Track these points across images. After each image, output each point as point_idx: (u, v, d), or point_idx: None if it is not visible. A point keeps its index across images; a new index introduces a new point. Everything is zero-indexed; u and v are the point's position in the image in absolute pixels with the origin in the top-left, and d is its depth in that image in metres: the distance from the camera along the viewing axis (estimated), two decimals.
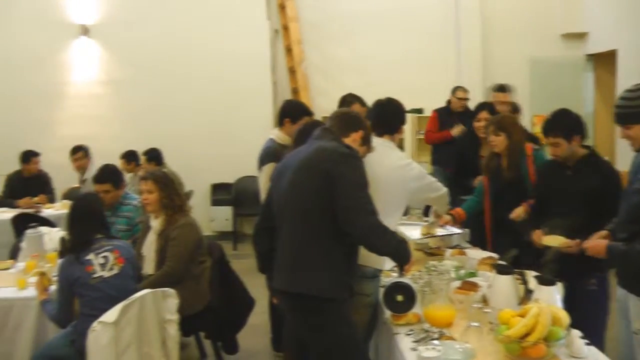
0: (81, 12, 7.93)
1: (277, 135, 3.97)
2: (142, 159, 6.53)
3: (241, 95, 7.85)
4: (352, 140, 2.74)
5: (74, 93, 8.04)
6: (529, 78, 8.51)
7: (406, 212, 4.18)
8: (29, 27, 7.78)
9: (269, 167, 3.66)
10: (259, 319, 4.36)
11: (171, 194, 3.74)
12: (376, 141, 2.97)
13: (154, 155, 6.44)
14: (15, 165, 6.62)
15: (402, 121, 3.26)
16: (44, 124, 7.96)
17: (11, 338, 3.35)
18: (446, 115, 6.63)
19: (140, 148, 6.67)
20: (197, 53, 7.86)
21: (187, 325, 3.51)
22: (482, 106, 4.70)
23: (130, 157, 6.55)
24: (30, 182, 6.56)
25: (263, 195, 3.63)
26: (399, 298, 2.69)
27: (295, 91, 8.15)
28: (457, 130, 6.20)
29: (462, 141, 5.26)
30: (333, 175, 2.52)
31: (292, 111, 3.97)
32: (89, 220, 3.23)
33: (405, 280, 2.77)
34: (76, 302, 3.16)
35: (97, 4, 7.94)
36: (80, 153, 6.58)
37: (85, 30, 7.92)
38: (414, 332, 2.60)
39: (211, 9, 7.85)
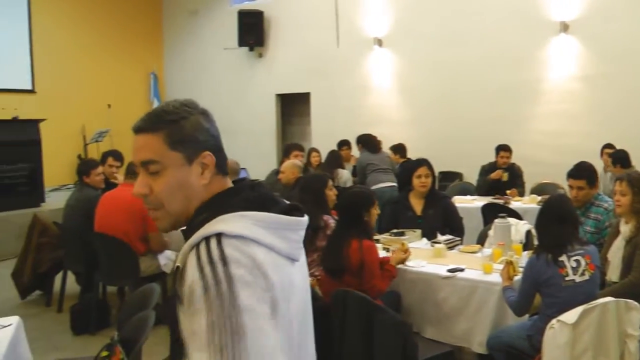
0: (562, 9, 7.93)
1: None
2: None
3: None
4: None
5: (548, 89, 8.16)
6: None
7: None
8: (512, 26, 8.23)
9: None
10: None
11: None
12: None
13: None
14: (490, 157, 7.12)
15: None
16: (519, 119, 8.32)
17: (473, 316, 3.61)
18: None
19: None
20: None
21: None
22: None
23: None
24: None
25: None
26: None
27: None
28: None
29: None
30: None
31: None
32: (564, 222, 3.19)
33: None
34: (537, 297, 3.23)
35: (577, 0, 7.83)
36: None
37: (564, 27, 7.92)
38: None
39: None
